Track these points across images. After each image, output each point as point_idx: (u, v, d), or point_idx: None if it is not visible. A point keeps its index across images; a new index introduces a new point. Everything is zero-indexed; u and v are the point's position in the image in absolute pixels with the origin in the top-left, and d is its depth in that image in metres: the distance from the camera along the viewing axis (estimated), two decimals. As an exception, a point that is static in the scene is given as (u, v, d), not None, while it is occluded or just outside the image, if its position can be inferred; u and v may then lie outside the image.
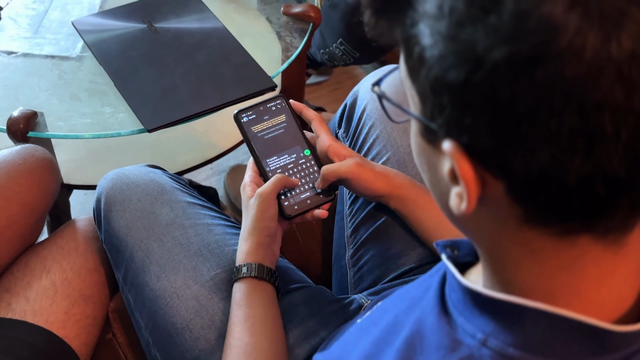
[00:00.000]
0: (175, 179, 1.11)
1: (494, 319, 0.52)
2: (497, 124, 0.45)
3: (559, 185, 0.45)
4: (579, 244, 0.48)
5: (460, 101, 0.46)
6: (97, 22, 1.39)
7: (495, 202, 0.49)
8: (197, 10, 1.43)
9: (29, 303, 0.99)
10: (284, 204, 0.97)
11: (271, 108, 1.03)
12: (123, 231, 1.02)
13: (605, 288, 0.51)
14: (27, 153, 1.08)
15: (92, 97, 1.28)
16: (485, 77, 0.44)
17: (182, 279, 0.98)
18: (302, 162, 1.00)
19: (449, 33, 0.45)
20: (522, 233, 0.49)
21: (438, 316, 0.56)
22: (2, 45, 1.37)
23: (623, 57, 0.41)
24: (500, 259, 0.53)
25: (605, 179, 0.44)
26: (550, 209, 0.47)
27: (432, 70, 0.47)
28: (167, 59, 1.32)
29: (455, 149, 0.47)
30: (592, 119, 0.42)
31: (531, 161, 0.44)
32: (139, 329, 1.01)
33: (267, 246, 0.94)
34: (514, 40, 0.42)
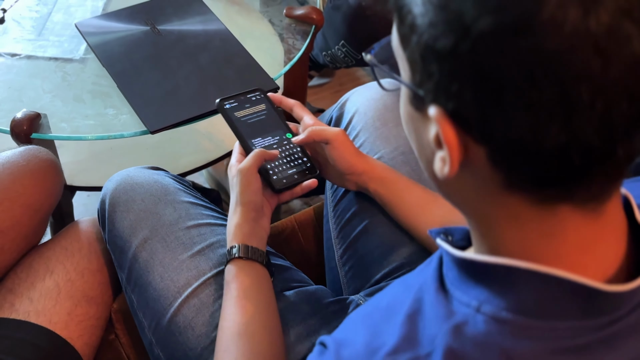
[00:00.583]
0: (179, 180, 1.11)
1: (487, 287, 0.54)
2: (481, 92, 0.47)
3: (536, 152, 0.47)
4: (558, 212, 0.51)
5: (447, 69, 0.48)
6: (100, 25, 1.40)
7: (477, 167, 0.51)
8: (200, 13, 1.44)
9: (32, 304, 1.00)
10: (273, 178, 0.99)
11: (251, 98, 1.08)
12: (127, 232, 1.03)
13: (588, 255, 0.52)
14: (31, 154, 1.08)
15: (95, 99, 1.29)
16: (471, 46, 0.46)
17: (184, 278, 0.98)
18: (285, 143, 1.04)
19: (439, 2, 0.48)
20: (504, 198, 0.52)
21: (436, 293, 0.57)
22: (6, 47, 1.38)
23: (601, 31, 0.44)
24: (485, 225, 0.55)
25: (580, 148, 0.47)
26: (528, 175, 0.50)
27: (422, 38, 0.49)
28: (170, 61, 1.32)
29: (441, 114, 0.50)
30: (570, 90, 0.45)
31: (511, 128, 0.47)
32: (142, 328, 1.02)
33: (253, 221, 0.95)
34: (498, 11, 0.45)
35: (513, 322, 0.52)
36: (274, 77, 1.31)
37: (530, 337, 0.51)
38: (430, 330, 0.54)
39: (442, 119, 0.50)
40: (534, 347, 0.51)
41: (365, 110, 1.15)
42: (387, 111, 1.14)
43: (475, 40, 0.46)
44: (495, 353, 0.51)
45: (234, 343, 0.86)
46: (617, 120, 0.46)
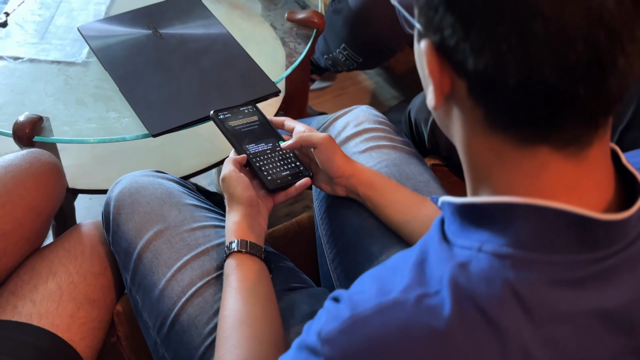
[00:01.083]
0: (183, 183, 1.12)
1: (488, 229, 0.57)
2: (456, 24, 0.53)
3: (503, 86, 0.52)
4: (539, 153, 0.55)
5: (431, 3, 0.55)
6: (102, 28, 1.40)
7: (461, 103, 0.57)
8: (202, 17, 1.44)
9: (34, 306, 1.00)
10: (267, 179, 1.02)
11: (244, 111, 1.12)
12: (132, 233, 1.04)
13: (574, 194, 0.56)
14: (33, 157, 1.08)
15: (97, 102, 1.29)
16: None
17: (188, 278, 0.99)
18: (278, 150, 1.06)
19: None
20: (488, 138, 0.57)
21: (439, 243, 0.60)
22: (8, 50, 1.38)
23: None
24: (476, 165, 0.60)
25: (540, 86, 0.51)
26: (504, 113, 0.54)
27: None
28: (172, 65, 1.33)
29: (428, 46, 0.57)
30: (527, 26, 0.49)
31: (479, 60, 0.52)
32: (146, 329, 1.03)
33: (250, 217, 0.97)
34: None
35: (513, 256, 0.55)
36: (276, 81, 1.31)
37: (530, 269, 0.54)
38: (437, 272, 0.57)
39: (429, 50, 0.57)
40: (534, 278, 0.54)
41: (347, 134, 1.17)
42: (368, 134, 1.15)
43: None
44: (499, 285, 0.54)
45: (235, 329, 0.87)
46: (574, 60, 0.50)
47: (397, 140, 1.16)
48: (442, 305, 0.55)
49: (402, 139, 1.17)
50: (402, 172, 1.09)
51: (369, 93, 2.22)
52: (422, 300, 0.56)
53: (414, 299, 0.56)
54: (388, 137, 1.15)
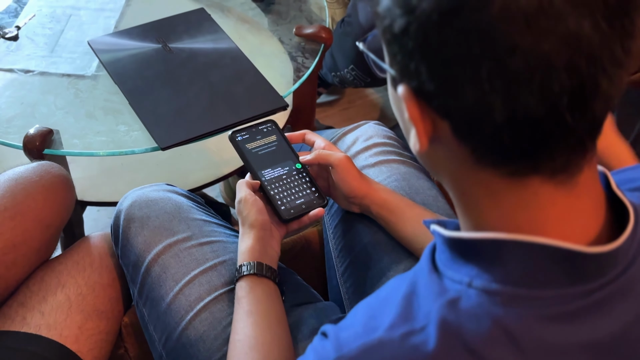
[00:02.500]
0: (192, 197, 1.13)
1: (477, 263, 0.56)
2: (433, 68, 0.52)
3: (489, 124, 0.51)
4: (529, 184, 0.54)
5: (404, 48, 0.53)
6: (112, 42, 1.41)
7: (446, 143, 0.55)
8: (211, 31, 1.46)
9: (43, 317, 1.01)
10: (281, 208, 1.01)
11: (262, 130, 1.11)
12: (141, 247, 1.04)
13: (565, 223, 0.55)
14: (43, 170, 1.09)
15: (107, 116, 1.30)
16: (419, 25, 0.51)
17: (196, 293, 0.99)
18: (294, 174, 1.06)
19: None
20: (477, 173, 0.55)
21: (429, 274, 0.60)
22: (19, 63, 1.39)
23: (531, 7, 0.47)
24: (466, 200, 0.58)
25: (527, 119, 0.50)
26: (490, 148, 0.53)
27: (383, 23, 0.54)
28: (181, 79, 1.34)
29: (406, 92, 0.55)
30: (506, 63, 0.48)
31: (462, 101, 0.51)
32: (152, 342, 1.03)
33: (264, 241, 0.96)
34: None
35: (502, 293, 0.54)
36: (284, 95, 1.32)
37: (519, 305, 0.54)
38: (424, 307, 0.57)
39: (408, 96, 0.55)
40: (523, 314, 0.54)
41: (356, 149, 1.18)
42: (377, 148, 1.17)
43: (420, 20, 0.50)
44: (488, 322, 0.54)
45: (245, 354, 0.87)
46: (558, 90, 0.49)
47: (405, 155, 1.17)
48: (427, 341, 0.54)
49: (410, 154, 1.18)
50: (412, 186, 1.10)
51: (376, 107, 2.23)
52: (407, 338, 0.55)
53: (398, 336, 0.56)
54: (397, 152, 1.17)
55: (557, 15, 0.47)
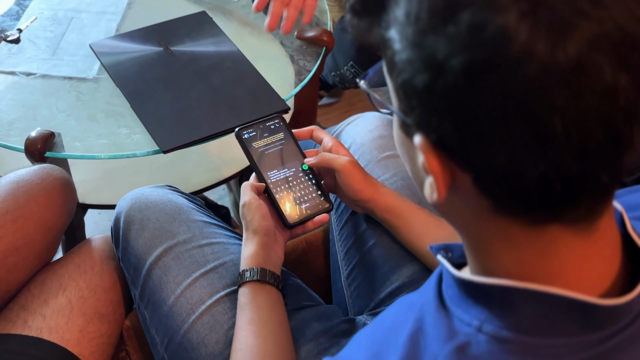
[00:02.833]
0: (192, 199, 1.13)
1: (487, 306, 0.55)
2: (460, 126, 0.48)
3: (518, 180, 0.48)
4: (549, 232, 0.52)
5: (426, 104, 0.50)
6: (114, 45, 1.41)
7: (465, 192, 0.53)
8: (213, 34, 1.46)
9: (45, 320, 1.01)
10: (285, 214, 1.01)
11: (270, 126, 1.09)
12: (141, 249, 1.04)
13: (582, 270, 0.53)
14: (45, 173, 1.09)
15: (108, 118, 1.30)
16: (446, 83, 0.47)
17: (198, 295, 0.99)
18: (300, 176, 1.05)
19: (414, 40, 0.49)
20: (495, 221, 0.53)
21: (436, 311, 0.58)
22: (21, 66, 1.39)
23: (570, 65, 0.44)
24: (480, 246, 0.56)
25: (560, 176, 0.48)
26: (514, 201, 0.51)
27: (401, 74, 0.51)
28: (183, 82, 1.34)
29: (425, 143, 0.52)
30: (543, 123, 0.45)
31: (492, 159, 0.48)
32: (154, 345, 1.03)
33: (267, 247, 0.96)
34: (470, 50, 0.46)
35: (513, 341, 0.53)
36: (285, 98, 1.32)
37: (531, 354, 0.53)
38: (431, 349, 0.55)
39: (427, 148, 0.52)
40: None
41: (362, 141, 1.18)
42: (383, 141, 1.16)
43: (449, 78, 0.47)
44: None
45: None
46: (594, 148, 0.47)
47: None
48: None
49: None
50: None
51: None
52: None
53: None
54: None
55: (596, 72, 0.44)
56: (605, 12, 0.44)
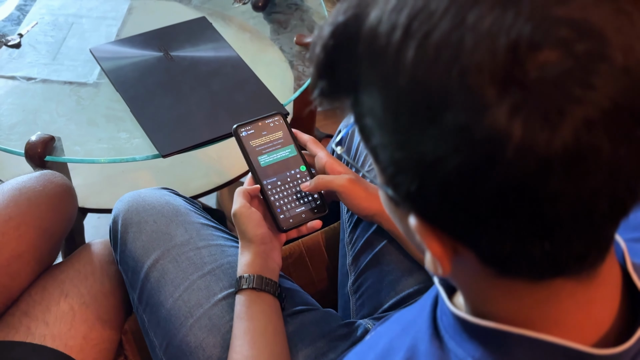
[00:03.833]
0: (189, 201, 1.13)
1: (482, 345, 0.54)
2: (459, 219, 0.46)
3: (525, 257, 0.47)
4: (552, 284, 0.50)
5: (416, 199, 0.47)
6: (114, 50, 1.42)
7: (469, 262, 0.50)
8: (212, 40, 1.46)
9: (48, 327, 1.01)
10: (280, 217, 0.99)
11: (269, 124, 1.06)
12: (139, 252, 1.04)
13: (582, 315, 0.52)
14: (46, 179, 1.10)
15: (108, 123, 1.30)
16: (439, 183, 0.45)
17: (195, 299, 1.00)
18: (298, 177, 1.03)
19: (397, 140, 0.46)
20: (498, 281, 0.51)
21: (430, 341, 0.57)
22: (21, 71, 1.40)
23: (568, 153, 0.42)
24: (477, 295, 0.55)
25: (566, 251, 0.46)
26: (520, 270, 0.49)
27: (387, 170, 0.48)
28: (183, 87, 1.35)
29: (421, 226, 0.49)
30: (548, 211, 0.44)
31: (497, 244, 0.46)
32: (152, 348, 1.03)
33: (264, 255, 0.96)
34: (461, 152, 0.43)
35: None
36: (284, 103, 1.33)
37: None
38: None
39: (424, 231, 0.49)
40: None
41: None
42: None
43: (442, 180, 0.44)
44: None
45: None
46: (601, 220, 0.46)
47: None
48: None
49: None
50: None
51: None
52: None
53: None
54: None
55: (595, 154, 0.42)
56: (595, 93, 0.41)
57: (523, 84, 0.41)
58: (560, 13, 0.42)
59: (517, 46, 0.41)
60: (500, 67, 0.41)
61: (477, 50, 0.42)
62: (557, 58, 0.41)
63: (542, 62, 0.41)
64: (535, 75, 0.41)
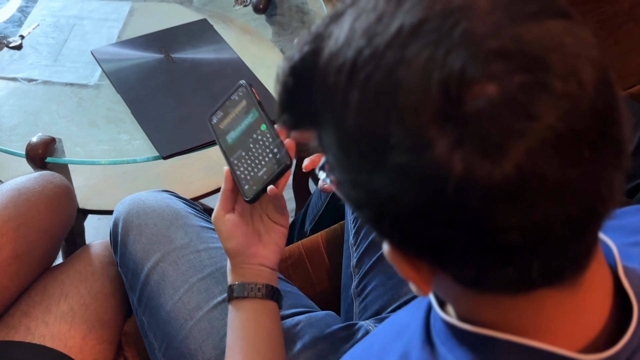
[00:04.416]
0: (190, 204, 1.13)
1: (471, 350, 0.54)
2: (421, 249, 0.47)
3: (495, 278, 0.48)
4: (536, 295, 0.50)
5: (379, 230, 0.49)
6: (115, 52, 1.42)
7: (446, 282, 0.51)
8: (213, 41, 1.47)
9: (48, 327, 1.01)
10: (245, 188, 0.90)
11: (234, 100, 0.95)
12: (139, 254, 1.05)
13: (569, 322, 0.52)
14: (46, 180, 1.10)
15: (109, 124, 1.31)
16: (394, 219, 0.46)
17: (195, 301, 1.00)
18: (260, 139, 0.91)
19: (352, 178, 0.47)
20: (480, 296, 0.51)
21: (422, 347, 0.58)
22: (23, 72, 1.40)
23: (510, 184, 0.42)
24: (464, 309, 0.55)
25: (534, 271, 0.47)
26: (497, 288, 0.49)
27: (349, 201, 0.49)
28: (183, 88, 1.35)
29: (392, 253, 0.50)
30: (502, 240, 0.44)
31: (463, 271, 0.48)
32: (152, 350, 1.03)
33: (242, 263, 0.91)
34: (407, 191, 0.44)
35: None
36: (285, 105, 1.33)
37: None
38: None
39: (396, 257, 0.50)
40: None
41: None
42: None
43: (397, 215, 0.45)
44: None
45: None
46: (560, 243, 0.46)
47: None
48: None
49: None
50: None
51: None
52: None
53: None
54: None
55: (540, 181, 0.42)
56: (536, 123, 0.41)
57: (459, 119, 0.41)
58: (492, 45, 0.41)
59: (449, 83, 0.41)
60: (434, 105, 0.42)
61: (413, 89, 0.42)
62: (493, 92, 0.41)
63: (476, 96, 0.41)
64: (471, 109, 0.41)
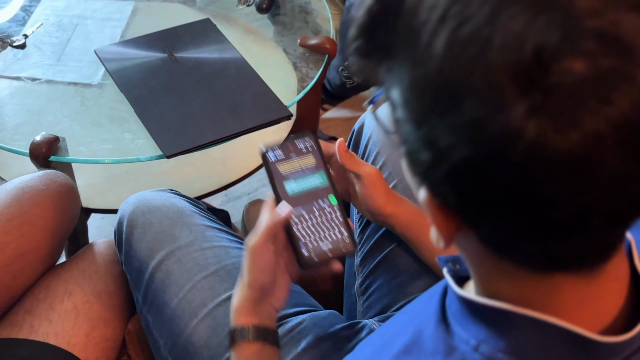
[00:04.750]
0: (194, 203, 1.13)
1: (486, 326, 0.54)
2: (461, 204, 0.48)
3: (521, 249, 0.49)
4: (553, 278, 0.51)
5: (428, 177, 0.50)
6: (118, 51, 1.43)
7: (471, 240, 0.52)
8: (216, 41, 1.47)
9: (51, 325, 1.01)
10: (305, 255, 0.87)
11: (300, 148, 0.93)
12: (144, 253, 1.05)
13: (584, 309, 0.53)
14: (49, 179, 1.10)
15: (112, 124, 1.31)
16: (448, 169, 0.46)
17: (200, 299, 1.00)
18: (327, 210, 0.91)
19: (417, 118, 0.48)
20: (500, 264, 0.52)
21: (437, 325, 0.58)
22: (26, 71, 1.41)
23: (573, 160, 0.42)
24: (483, 275, 0.56)
25: (563, 254, 0.48)
26: (517, 259, 0.51)
27: (405, 144, 0.50)
28: (187, 88, 1.35)
29: (429, 200, 0.51)
30: (544, 213, 0.45)
31: (495, 232, 0.49)
32: (157, 348, 1.04)
33: (259, 301, 0.87)
34: (472, 144, 0.44)
35: None
36: (288, 105, 1.33)
37: None
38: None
39: (431, 205, 0.51)
40: None
41: (378, 135, 1.16)
42: None
43: (450, 166, 0.46)
44: None
45: None
46: (594, 231, 0.47)
47: None
48: None
49: None
50: None
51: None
52: None
53: None
54: None
55: (601, 165, 0.43)
56: (610, 108, 0.42)
57: (543, 88, 0.42)
58: (591, 25, 0.42)
59: (543, 51, 0.42)
60: (523, 69, 0.42)
61: (504, 49, 0.43)
62: (580, 68, 0.42)
63: (565, 69, 0.42)
64: (556, 81, 0.42)
